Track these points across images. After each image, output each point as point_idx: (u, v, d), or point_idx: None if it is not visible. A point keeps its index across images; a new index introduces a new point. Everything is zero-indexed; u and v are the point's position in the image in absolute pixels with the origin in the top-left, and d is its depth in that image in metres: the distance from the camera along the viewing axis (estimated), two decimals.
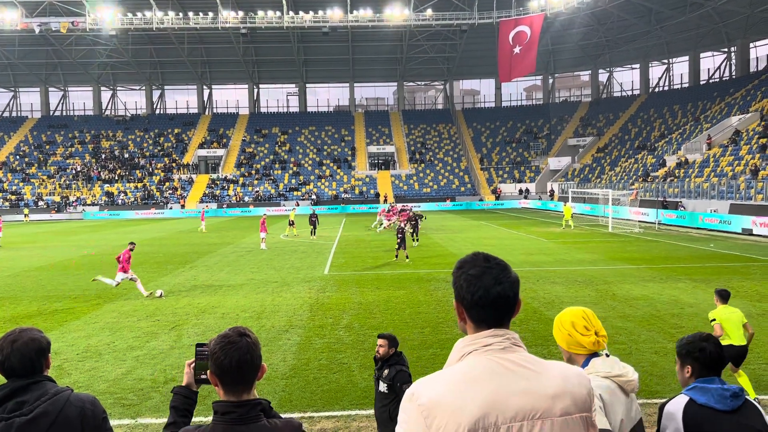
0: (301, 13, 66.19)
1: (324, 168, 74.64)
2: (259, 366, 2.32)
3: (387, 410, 5.59)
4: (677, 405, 2.99)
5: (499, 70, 64.66)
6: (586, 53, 78.64)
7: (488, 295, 1.98)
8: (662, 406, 3.08)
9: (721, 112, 54.15)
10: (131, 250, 17.09)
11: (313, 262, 23.39)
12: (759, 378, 8.73)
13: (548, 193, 64.67)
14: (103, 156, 75.65)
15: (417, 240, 29.14)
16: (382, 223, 38.08)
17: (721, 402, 2.91)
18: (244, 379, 2.25)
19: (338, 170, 74.46)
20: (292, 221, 36.18)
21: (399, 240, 23.18)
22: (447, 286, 17.06)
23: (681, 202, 39.98)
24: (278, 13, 65.40)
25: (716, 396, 2.92)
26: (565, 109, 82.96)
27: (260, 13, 65.66)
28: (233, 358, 2.22)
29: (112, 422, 6.77)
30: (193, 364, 2.66)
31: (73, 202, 66.01)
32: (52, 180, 70.26)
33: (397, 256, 23.48)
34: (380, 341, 5.85)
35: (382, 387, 5.61)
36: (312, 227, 33.82)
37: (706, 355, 3.08)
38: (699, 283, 16.91)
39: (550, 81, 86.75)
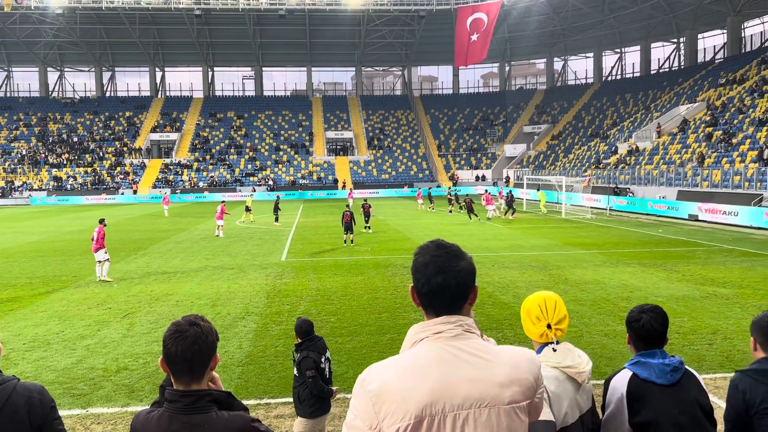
0: None
1: (281, 153, 73.84)
2: (211, 357, 2.24)
3: (297, 392, 5.80)
4: (621, 380, 3.09)
5: (456, 55, 65.00)
6: (542, 42, 79.70)
7: (429, 284, 2.00)
8: (607, 381, 3.18)
9: (671, 101, 55.76)
10: (105, 226, 17.15)
11: (270, 248, 23.20)
12: (701, 358, 9.09)
13: (504, 180, 65.56)
14: (51, 139, 73.04)
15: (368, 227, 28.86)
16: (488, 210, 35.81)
17: (662, 377, 3.02)
18: (191, 370, 2.19)
19: (296, 156, 73.80)
20: (249, 207, 35.77)
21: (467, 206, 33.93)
22: (405, 271, 17.17)
23: (629, 189, 41.09)
24: None
25: (657, 371, 3.03)
26: (520, 97, 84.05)
27: None
28: (179, 348, 2.17)
29: (62, 412, 6.61)
30: None
31: (18, 187, 63.64)
32: None
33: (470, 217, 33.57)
34: None
35: (295, 370, 5.81)
36: (275, 213, 33.37)
37: (640, 326, 3.16)
38: (648, 267, 17.46)
39: (507, 69, 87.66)
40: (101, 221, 17.38)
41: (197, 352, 2.18)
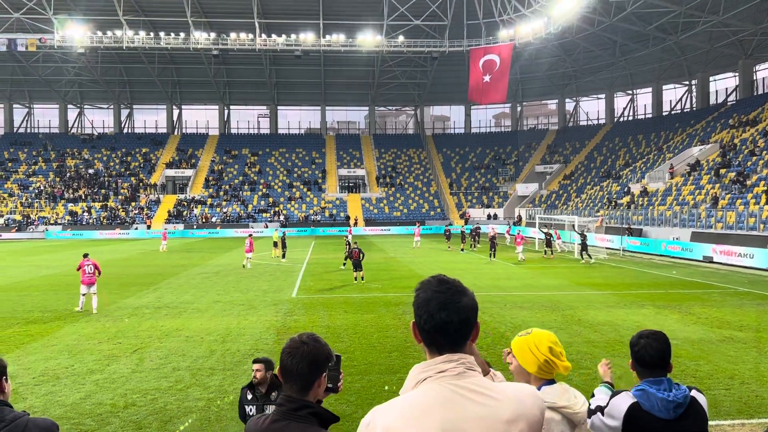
0: (273, 36, 66.48)
1: (294, 190, 74.41)
2: (318, 374, 2.47)
3: None
4: (622, 403, 3.05)
5: (469, 90, 65.98)
6: (554, 82, 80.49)
7: (432, 321, 1.99)
8: (613, 394, 3.16)
9: (683, 143, 55.77)
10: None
11: (281, 284, 23.17)
12: (718, 403, 8.88)
13: (516, 219, 65.41)
14: (68, 175, 74.19)
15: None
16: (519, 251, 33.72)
17: (664, 412, 2.98)
18: (299, 382, 2.45)
19: (308, 192, 74.31)
20: (276, 242, 36.25)
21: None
22: None
23: (641, 229, 40.87)
24: (251, 36, 65.55)
25: (660, 405, 3.00)
26: (532, 137, 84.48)
27: (232, 35, 65.74)
28: (290, 362, 2.45)
29: None
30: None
31: (35, 221, 64.41)
32: (14, 198, 68.53)
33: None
34: (257, 366, 5.85)
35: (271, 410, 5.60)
36: (283, 249, 33.79)
37: (636, 351, 3.15)
38: (662, 309, 17.22)
39: (519, 109, 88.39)
40: (86, 255, 17.62)
41: (305, 368, 2.44)
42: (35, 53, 69.34)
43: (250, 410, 5.78)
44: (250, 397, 5.87)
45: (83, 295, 17.15)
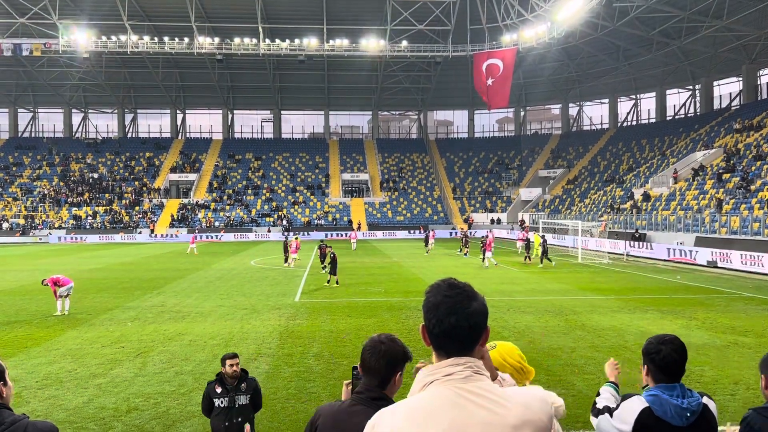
0: (277, 41, 66.67)
1: (297, 194, 74.47)
2: (395, 371, 2.77)
3: (248, 420, 6.18)
4: (634, 408, 3.02)
5: (482, 96, 66.20)
6: (557, 87, 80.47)
7: (441, 325, 1.98)
8: (624, 397, 3.16)
9: (687, 147, 55.67)
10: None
11: (284, 289, 23.17)
12: (724, 408, 8.83)
13: (519, 224, 65.32)
14: (72, 179, 74.38)
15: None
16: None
17: (677, 419, 2.95)
18: (379, 376, 2.76)
19: (312, 197, 74.36)
20: (298, 246, 36.45)
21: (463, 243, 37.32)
22: (418, 314, 16.99)
23: (645, 234, 40.75)
24: (254, 41, 65.73)
25: (674, 412, 2.97)
26: (536, 141, 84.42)
27: (236, 40, 65.92)
28: (372, 359, 2.79)
29: None
30: (350, 385, 3.12)
31: (38, 225, 64.54)
32: (18, 202, 68.71)
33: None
34: (233, 360, 6.27)
35: (243, 400, 6.14)
36: (285, 254, 33.78)
37: (660, 358, 3.10)
38: (666, 314, 17.15)
39: (522, 113, 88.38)
40: (43, 281, 18.16)
41: (383, 365, 2.76)
42: (40, 58, 69.62)
43: (221, 402, 6.11)
44: (219, 390, 6.18)
45: (66, 297, 17.72)
